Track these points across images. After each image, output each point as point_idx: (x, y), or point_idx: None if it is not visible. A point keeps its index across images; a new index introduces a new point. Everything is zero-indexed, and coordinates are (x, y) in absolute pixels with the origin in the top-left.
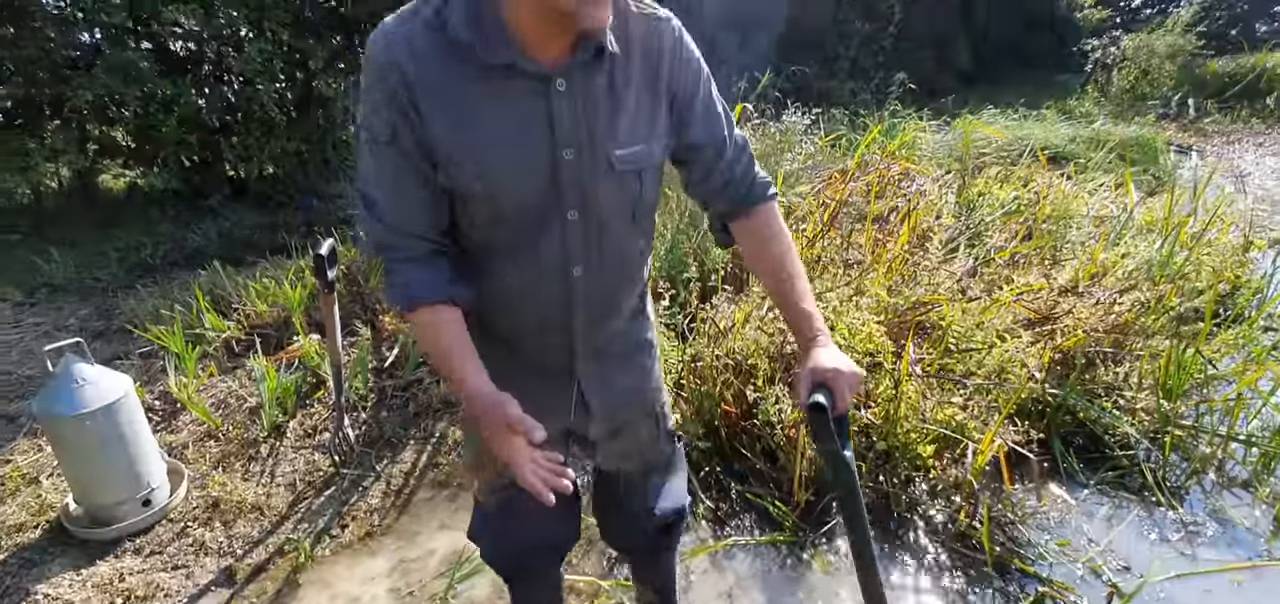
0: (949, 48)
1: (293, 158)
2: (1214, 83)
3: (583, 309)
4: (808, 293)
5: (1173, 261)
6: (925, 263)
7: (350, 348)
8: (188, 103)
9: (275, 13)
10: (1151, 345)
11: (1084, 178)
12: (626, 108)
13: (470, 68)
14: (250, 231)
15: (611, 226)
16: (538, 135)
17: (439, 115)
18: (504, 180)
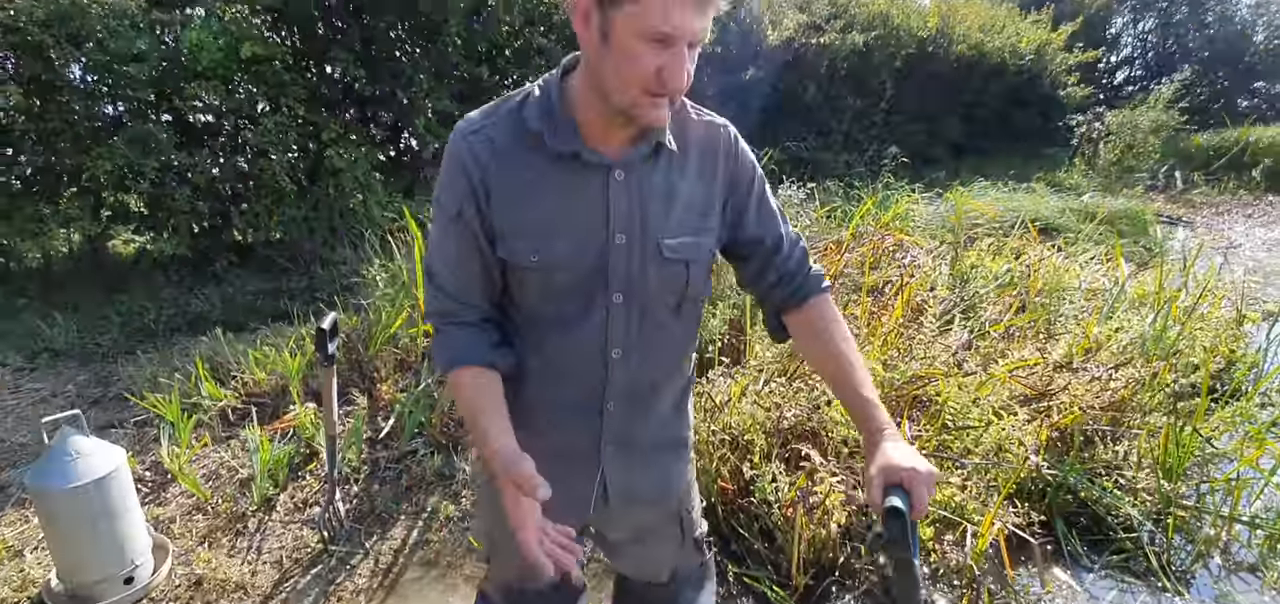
0: (939, 122)
1: (300, 225)
2: (1199, 156)
3: (618, 394)
4: (868, 382)
5: (1166, 337)
6: (920, 336)
7: (346, 417)
8: (202, 172)
9: (293, 90)
10: (1149, 422)
11: (1075, 249)
12: (679, 201)
13: (539, 155)
14: (253, 297)
15: (655, 313)
16: (593, 218)
17: (504, 194)
18: (557, 257)
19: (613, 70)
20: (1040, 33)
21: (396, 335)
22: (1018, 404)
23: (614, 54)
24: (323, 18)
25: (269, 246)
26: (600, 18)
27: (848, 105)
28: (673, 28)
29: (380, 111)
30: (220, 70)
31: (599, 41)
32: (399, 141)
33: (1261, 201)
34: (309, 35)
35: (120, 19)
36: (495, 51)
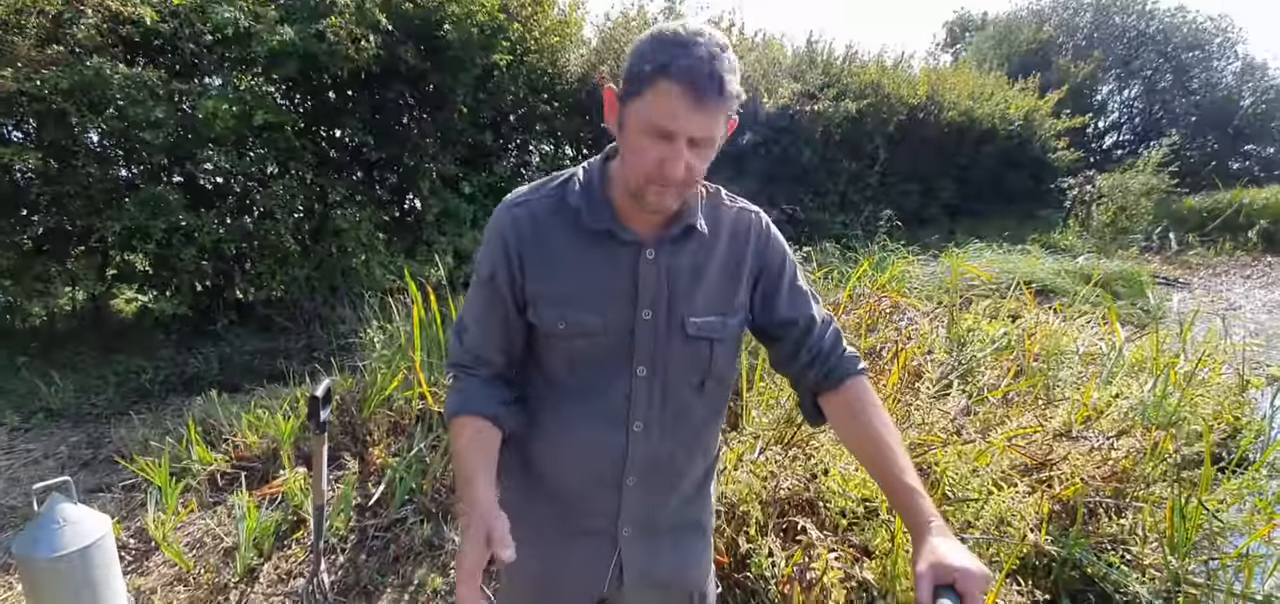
0: (933, 184)
1: (302, 284)
2: (1193, 218)
3: (638, 468)
4: (911, 468)
5: (1167, 403)
6: (918, 402)
7: (335, 482)
8: (209, 232)
9: (303, 154)
10: (1153, 494)
11: (1072, 312)
12: (707, 281)
13: (576, 230)
14: (250, 357)
15: (678, 390)
16: (622, 293)
17: (538, 263)
18: (584, 325)
19: (625, 158)
20: (1028, 100)
21: (391, 397)
22: (1018, 474)
23: (626, 144)
24: (335, 87)
25: (269, 305)
26: (620, 110)
27: (843, 168)
28: (674, 126)
29: (386, 174)
30: (233, 136)
31: (618, 131)
32: (403, 202)
33: (1259, 262)
34: (321, 103)
35: (141, 88)
36: (500, 118)
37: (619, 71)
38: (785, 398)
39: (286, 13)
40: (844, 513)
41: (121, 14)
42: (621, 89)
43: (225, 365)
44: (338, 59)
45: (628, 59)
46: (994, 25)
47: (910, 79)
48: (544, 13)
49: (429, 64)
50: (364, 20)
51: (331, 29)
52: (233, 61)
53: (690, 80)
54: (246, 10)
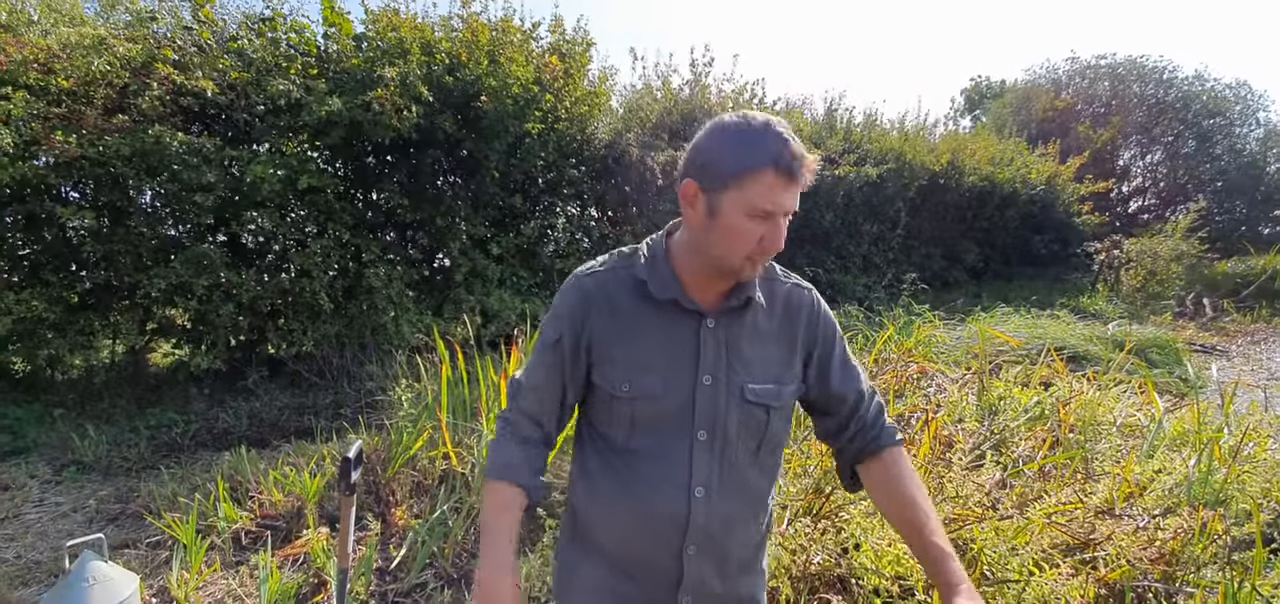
0: (956, 247)
1: (333, 341)
2: (1226, 283)
3: (698, 537)
4: (940, 530)
5: (1213, 480)
6: (950, 474)
7: (358, 544)
8: (247, 289)
9: (341, 216)
10: (1203, 578)
11: (1106, 379)
12: (764, 351)
13: (642, 300)
14: (279, 412)
15: (736, 455)
16: (684, 359)
17: (606, 329)
18: (648, 389)
19: (719, 240)
20: (1049, 165)
21: (415, 457)
22: (1059, 553)
23: (720, 228)
24: (375, 153)
25: (299, 360)
26: (707, 201)
27: (865, 231)
28: (774, 205)
29: (418, 234)
30: (277, 198)
31: (705, 218)
32: (433, 262)
33: None
34: (361, 167)
35: (195, 155)
36: (529, 182)
37: (693, 163)
38: (814, 465)
39: (336, 84)
40: (877, 592)
41: (184, 86)
42: (707, 182)
43: (255, 420)
44: (381, 128)
45: (704, 154)
46: (1011, 92)
47: (931, 145)
48: (575, 84)
49: (465, 132)
50: (407, 92)
51: (377, 100)
52: (282, 129)
53: (786, 166)
54: (299, 83)
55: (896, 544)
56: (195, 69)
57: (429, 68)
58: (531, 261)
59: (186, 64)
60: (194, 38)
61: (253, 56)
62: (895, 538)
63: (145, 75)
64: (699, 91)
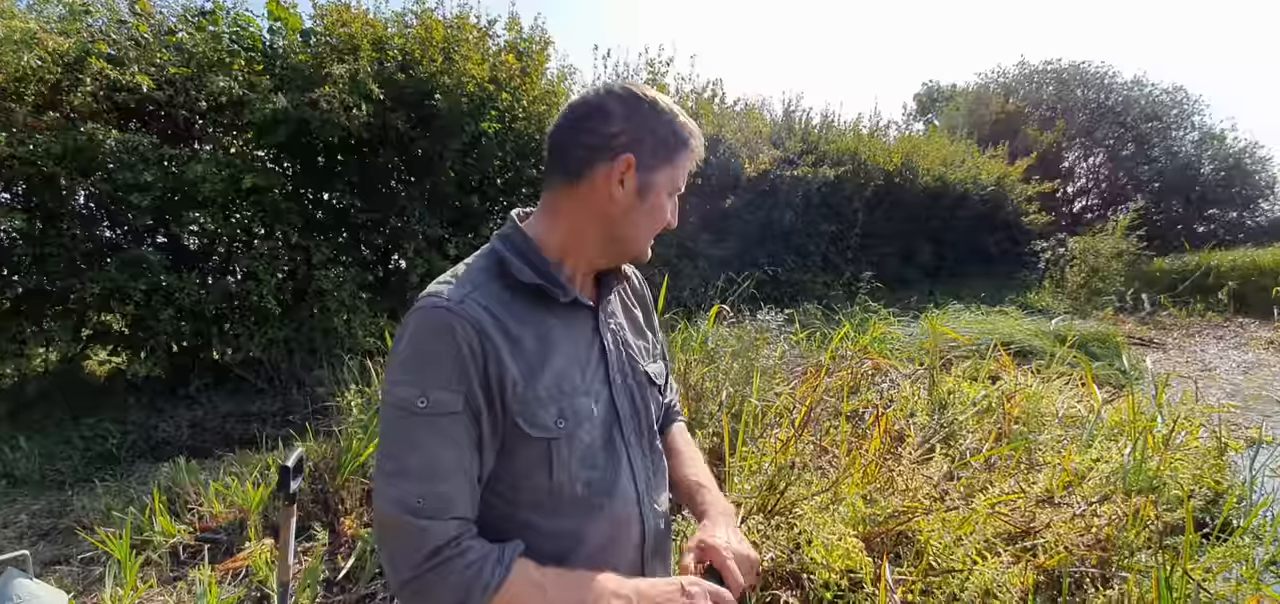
0: (912, 245)
1: (281, 346)
2: (1163, 279)
3: (651, 548)
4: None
5: (1146, 468)
6: (900, 468)
7: (303, 555)
8: (189, 293)
9: (289, 216)
10: (1138, 562)
11: (1049, 372)
12: (638, 329)
13: (540, 310)
14: (223, 421)
15: (655, 444)
16: (596, 363)
17: (519, 361)
18: (580, 412)
19: (640, 223)
20: (998, 166)
21: (366, 464)
22: (1002, 542)
23: (647, 208)
24: (325, 152)
25: (245, 366)
26: (641, 179)
27: (823, 231)
28: (683, 182)
29: (371, 235)
30: (220, 198)
31: (634, 199)
32: (387, 263)
33: (1232, 323)
34: (310, 167)
35: (132, 153)
36: (486, 182)
37: (626, 137)
38: (768, 463)
39: (282, 81)
40: (827, 586)
41: (119, 82)
42: (648, 159)
43: (196, 429)
44: (330, 126)
45: (640, 129)
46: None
47: (886, 146)
48: (533, 83)
49: (419, 131)
50: (357, 90)
51: (324, 98)
52: (225, 127)
53: (700, 145)
54: (242, 79)
55: (846, 538)
56: (131, 64)
57: (381, 65)
58: None
59: (122, 59)
60: (130, 31)
61: (193, 51)
62: (845, 531)
63: (78, 71)
64: (657, 91)
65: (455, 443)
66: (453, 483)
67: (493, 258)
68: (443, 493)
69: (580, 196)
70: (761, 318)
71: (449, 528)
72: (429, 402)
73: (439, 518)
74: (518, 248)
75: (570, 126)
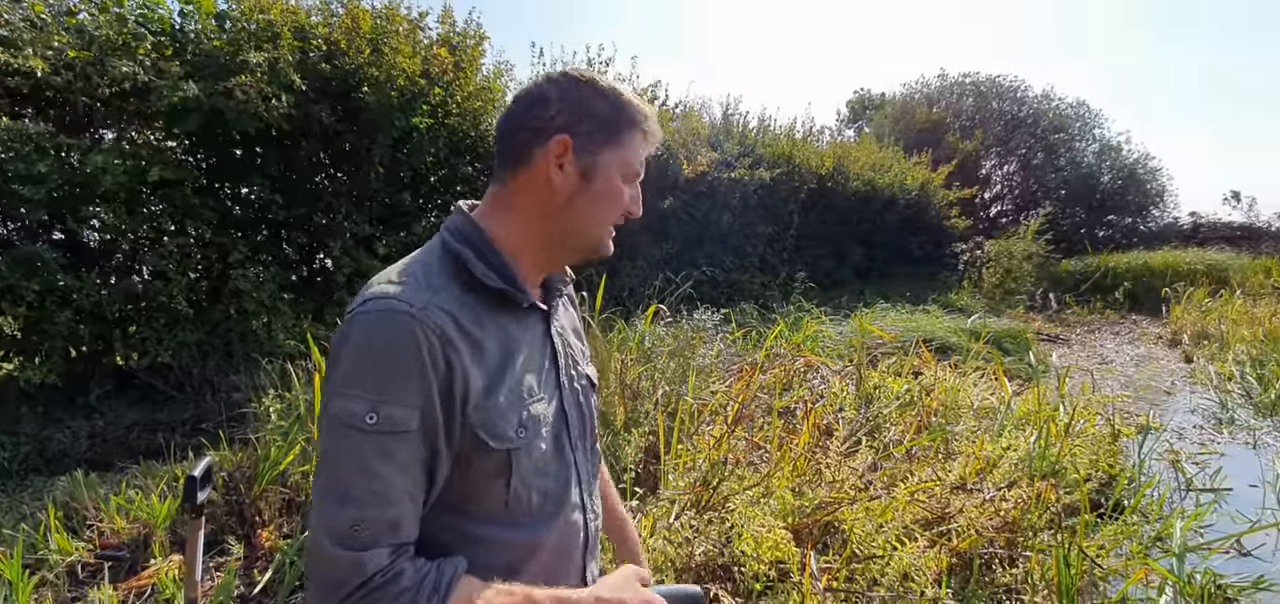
0: (844, 247)
1: (193, 350)
2: (1068, 279)
3: (591, 545)
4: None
5: (1049, 454)
6: (827, 461)
7: (216, 571)
8: (88, 294)
9: (201, 212)
10: (1041, 542)
11: (966, 367)
12: (577, 331)
13: (503, 312)
14: (127, 430)
15: (597, 450)
16: (549, 368)
17: (483, 370)
18: (537, 417)
19: (588, 209)
20: (922, 172)
21: (286, 472)
22: (920, 528)
23: (595, 194)
24: (242, 144)
25: (153, 372)
26: (583, 162)
27: (760, 232)
28: (641, 166)
29: (295, 233)
30: (124, 192)
31: (578, 183)
32: (312, 262)
33: (1126, 320)
34: (226, 159)
35: (24, 142)
36: (418, 179)
37: (562, 118)
38: (702, 460)
39: (194, 68)
40: (757, 577)
41: (10, 65)
42: (585, 140)
43: (97, 440)
44: (246, 117)
45: (576, 108)
46: (891, 104)
47: (819, 150)
48: (467, 78)
49: (345, 124)
50: (277, 79)
51: (240, 87)
52: (130, 116)
53: (651, 127)
54: (149, 64)
55: (775, 530)
56: (25, 46)
57: (304, 54)
58: None
59: (15, 40)
60: (24, 10)
61: (95, 34)
62: (773, 523)
63: None
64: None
65: (404, 467)
66: (397, 509)
67: (448, 256)
68: (384, 519)
69: (524, 188)
70: (698, 317)
71: (382, 556)
72: (380, 418)
73: (374, 546)
74: (476, 246)
75: (513, 117)
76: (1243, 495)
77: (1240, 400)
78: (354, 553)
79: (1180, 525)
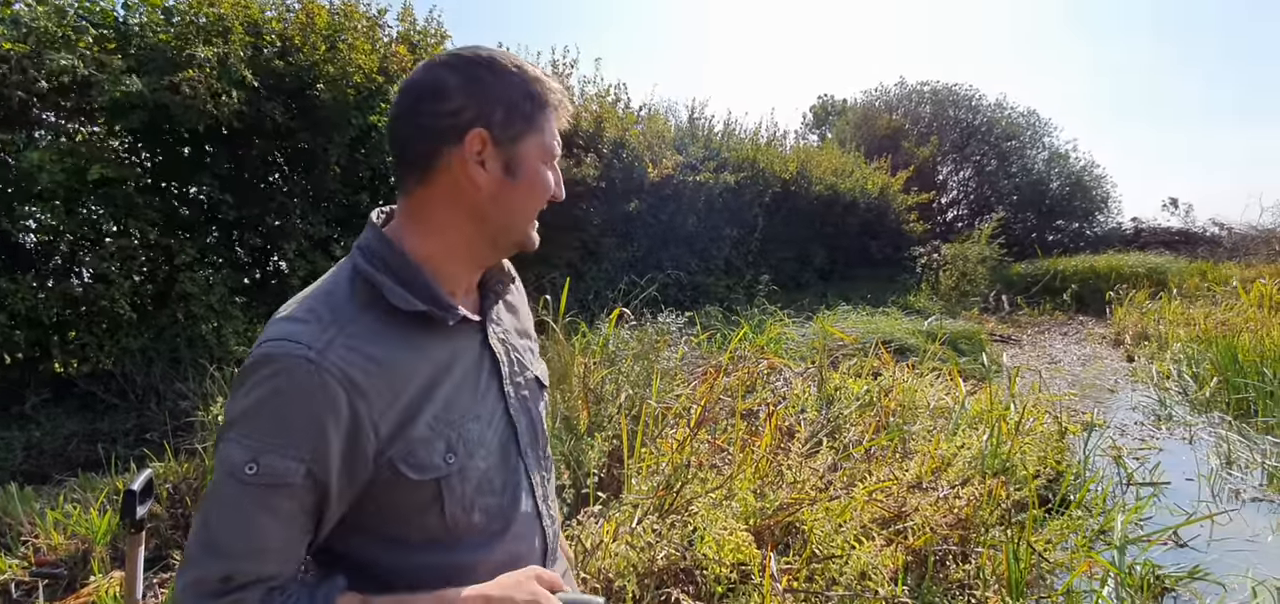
0: (807, 250)
1: (137, 356)
2: (1020, 282)
3: (550, 555)
4: None
5: (1000, 452)
6: (789, 462)
7: (160, 587)
8: (23, 297)
9: (145, 212)
10: (992, 538)
11: (923, 367)
12: (522, 329)
13: (424, 333)
14: (66, 441)
15: (549, 453)
16: (489, 378)
17: (397, 405)
18: (475, 437)
19: (519, 203)
20: (882, 177)
21: None
22: (877, 527)
23: (522, 185)
24: (190, 141)
25: (94, 380)
26: (504, 154)
27: (726, 235)
28: (559, 145)
29: (247, 234)
30: (62, 191)
31: (501, 178)
32: (266, 264)
33: (1074, 321)
34: (172, 158)
35: None
36: (377, 179)
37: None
38: (665, 463)
39: (138, 63)
40: (719, 580)
41: None
42: (504, 130)
43: (33, 452)
44: (193, 113)
45: (491, 98)
46: (852, 111)
47: (783, 155)
48: None
49: (299, 123)
50: (227, 75)
51: (187, 82)
52: (69, 111)
53: (561, 100)
54: (89, 58)
55: (737, 533)
56: None
57: (256, 50)
58: None
59: None
60: None
61: (32, 25)
62: (735, 526)
63: None
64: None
65: (285, 517)
66: (274, 562)
67: (356, 280)
68: (258, 570)
69: (438, 195)
70: (663, 320)
71: (252, 596)
72: (259, 469)
73: (241, 589)
74: (390, 266)
75: (405, 114)
76: (1180, 489)
77: (1177, 398)
78: (216, 564)
79: (1121, 519)
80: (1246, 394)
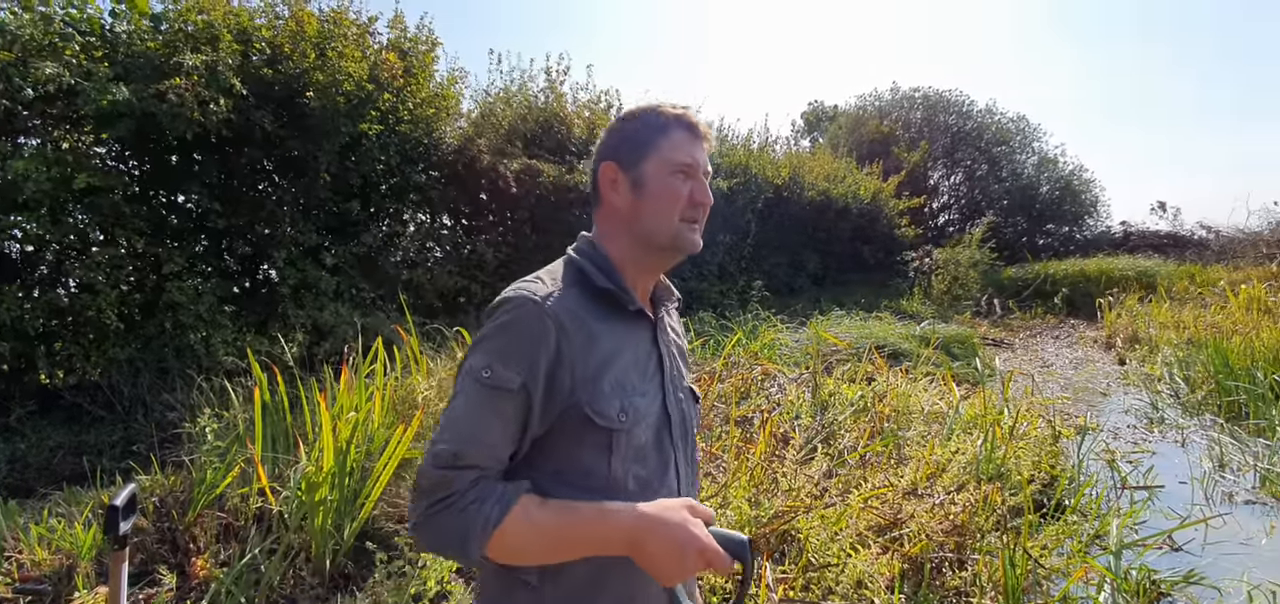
0: (800, 255)
1: (124, 367)
2: (1011, 286)
3: None
4: None
5: (995, 457)
6: (784, 469)
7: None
8: (10, 307)
9: (133, 221)
10: (988, 544)
11: (917, 371)
12: (682, 351)
13: (612, 315)
14: (51, 454)
15: (693, 455)
16: (654, 369)
17: (590, 358)
18: (638, 410)
19: (654, 213)
20: (873, 182)
21: (223, 496)
22: (873, 534)
23: (651, 198)
24: (178, 150)
25: (80, 391)
26: (630, 176)
27: (720, 241)
28: (691, 158)
29: (236, 243)
30: (47, 200)
31: (632, 197)
32: (256, 274)
33: (1065, 324)
34: (160, 166)
35: None
36: (368, 187)
37: (605, 150)
38: None
39: (125, 71)
40: (714, 591)
41: None
42: (625, 159)
43: (17, 464)
44: (181, 122)
45: (613, 137)
46: (844, 116)
47: (775, 161)
48: (419, 85)
49: (289, 130)
50: (215, 83)
51: (175, 90)
52: (55, 119)
53: (689, 123)
54: (76, 66)
55: None
56: None
57: (245, 57)
58: (373, 272)
59: None
60: None
61: (17, 33)
62: None
63: None
64: (554, 99)
65: (502, 416)
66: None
67: (572, 267)
68: (475, 452)
69: (604, 214)
70: None
71: (467, 477)
72: (492, 374)
73: (462, 469)
74: (593, 260)
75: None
76: (1173, 492)
77: (1169, 401)
78: (445, 471)
79: (1117, 524)
80: (1238, 397)
